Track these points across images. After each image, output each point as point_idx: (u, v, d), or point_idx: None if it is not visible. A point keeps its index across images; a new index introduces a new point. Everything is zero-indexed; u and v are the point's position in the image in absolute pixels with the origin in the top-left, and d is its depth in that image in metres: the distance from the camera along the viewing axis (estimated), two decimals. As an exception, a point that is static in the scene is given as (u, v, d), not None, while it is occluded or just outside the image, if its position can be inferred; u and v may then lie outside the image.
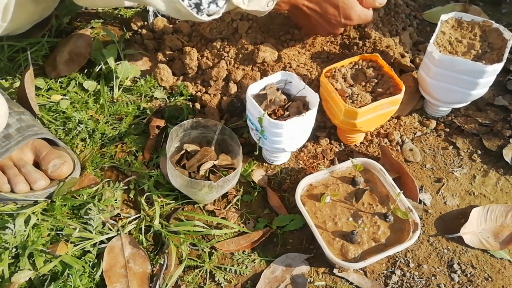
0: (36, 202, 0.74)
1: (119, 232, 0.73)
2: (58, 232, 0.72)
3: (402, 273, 0.71)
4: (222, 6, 0.68)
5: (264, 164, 0.83)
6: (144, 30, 1.01)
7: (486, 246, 0.73)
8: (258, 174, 0.80)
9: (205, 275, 0.71)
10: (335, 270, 0.71)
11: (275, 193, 0.78)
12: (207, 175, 0.75)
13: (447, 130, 0.88)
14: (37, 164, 0.77)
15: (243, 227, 0.75)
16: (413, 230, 0.70)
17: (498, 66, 0.76)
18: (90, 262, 0.70)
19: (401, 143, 0.86)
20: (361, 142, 0.85)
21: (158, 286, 0.68)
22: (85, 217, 0.73)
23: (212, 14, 0.69)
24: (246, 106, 0.74)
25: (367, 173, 0.77)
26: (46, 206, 0.75)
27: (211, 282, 0.70)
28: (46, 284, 0.66)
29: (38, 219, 0.72)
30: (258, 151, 0.77)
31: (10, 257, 0.69)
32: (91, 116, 0.87)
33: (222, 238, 0.74)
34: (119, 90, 0.91)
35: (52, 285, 0.66)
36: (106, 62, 0.90)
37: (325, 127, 0.86)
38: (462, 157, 0.85)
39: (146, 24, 1.02)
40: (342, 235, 0.70)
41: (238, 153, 0.75)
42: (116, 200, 0.76)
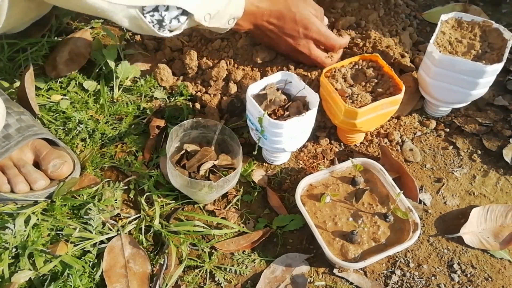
0: (36, 202, 0.74)
1: (119, 232, 0.73)
2: (58, 232, 0.72)
3: (402, 273, 0.71)
4: (184, 22, 0.70)
5: (264, 164, 0.83)
6: (144, 30, 1.01)
7: (486, 246, 0.73)
8: (258, 174, 0.80)
9: (205, 275, 0.71)
10: (335, 270, 0.71)
11: (275, 193, 0.78)
12: (207, 175, 0.75)
13: (447, 130, 0.88)
14: (37, 164, 0.77)
15: (243, 227, 0.75)
16: (413, 230, 0.70)
17: (498, 66, 0.76)
18: (90, 262, 0.70)
19: (401, 143, 0.86)
20: (361, 142, 0.85)
21: (158, 286, 0.68)
22: (85, 217, 0.73)
23: (173, 29, 0.71)
24: (246, 106, 0.74)
25: (367, 173, 0.77)
26: (46, 206, 0.75)
27: (211, 282, 0.70)
28: (46, 284, 0.66)
29: (38, 219, 0.72)
30: (256, 150, 0.77)
31: (10, 257, 0.69)
32: (91, 116, 0.87)
33: (222, 238, 0.74)
34: (119, 90, 0.90)
35: (52, 285, 0.66)
36: (106, 62, 0.90)
37: (325, 127, 0.86)
38: (462, 157, 0.85)
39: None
40: (342, 235, 0.70)
41: (238, 153, 0.75)
42: (116, 200, 0.76)
